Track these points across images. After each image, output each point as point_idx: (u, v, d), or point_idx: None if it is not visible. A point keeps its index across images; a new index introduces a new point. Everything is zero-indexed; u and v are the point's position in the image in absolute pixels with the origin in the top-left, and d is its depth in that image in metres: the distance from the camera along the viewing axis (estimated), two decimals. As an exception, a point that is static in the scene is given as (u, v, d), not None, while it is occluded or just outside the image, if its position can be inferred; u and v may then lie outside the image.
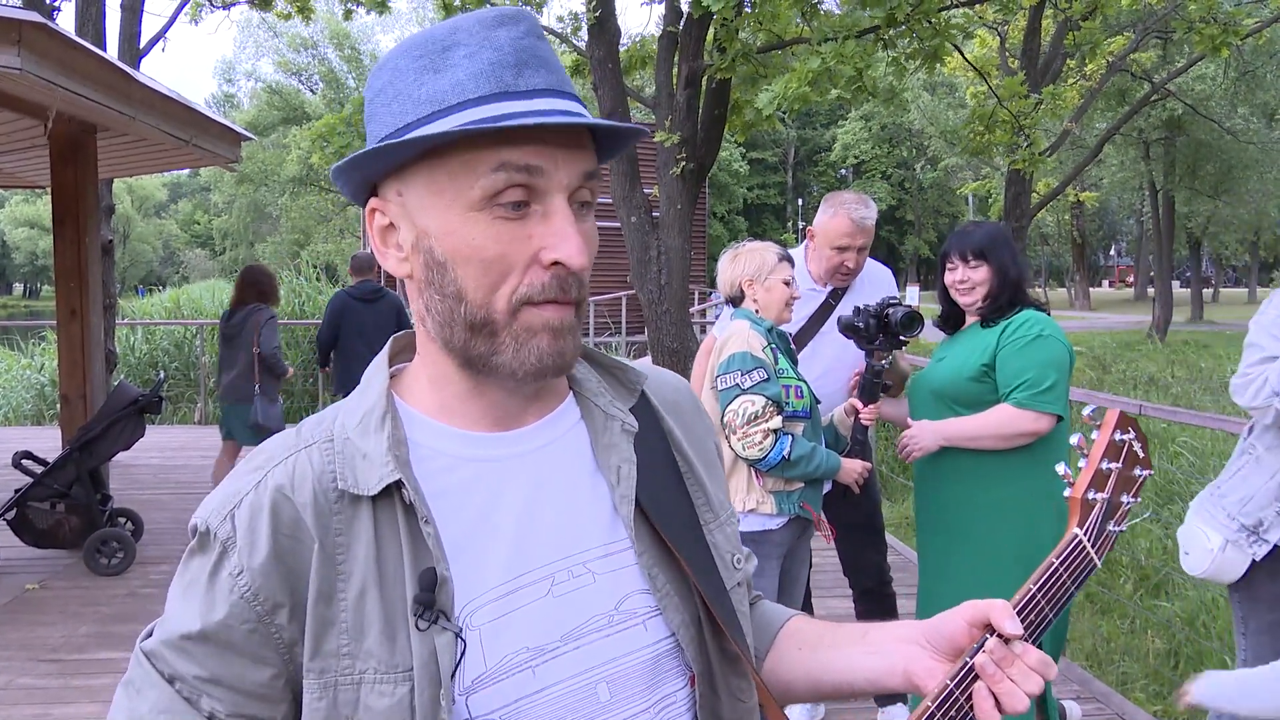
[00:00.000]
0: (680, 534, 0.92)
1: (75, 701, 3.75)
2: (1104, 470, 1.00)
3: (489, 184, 0.79)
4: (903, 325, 3.01)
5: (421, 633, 0.79)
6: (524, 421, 0.90)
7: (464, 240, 0.81)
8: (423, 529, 0.81)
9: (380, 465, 0.82)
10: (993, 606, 0.88)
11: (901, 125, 42.39)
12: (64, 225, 6.04)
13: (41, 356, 12.26)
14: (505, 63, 0.80)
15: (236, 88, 52.43)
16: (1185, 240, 33.49)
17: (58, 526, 5.33)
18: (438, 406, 0.89)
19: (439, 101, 0.80)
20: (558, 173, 0.81)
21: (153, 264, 63.53)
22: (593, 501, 0.90)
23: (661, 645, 0.89)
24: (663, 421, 0.98)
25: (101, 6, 8.37)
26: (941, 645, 0.91)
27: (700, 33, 6.94)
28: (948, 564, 2.87)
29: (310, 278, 14.24)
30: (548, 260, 0.81)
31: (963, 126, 10.15)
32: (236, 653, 0.81)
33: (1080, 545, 0.96)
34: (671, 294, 6.94)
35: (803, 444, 2.81)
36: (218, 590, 0.81)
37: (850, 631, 1.00)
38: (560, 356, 0.84)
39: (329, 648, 0.80)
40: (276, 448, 0.87)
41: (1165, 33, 16.48)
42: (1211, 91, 22.31)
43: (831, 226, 3.36)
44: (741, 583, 0.97)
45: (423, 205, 0.83)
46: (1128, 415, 1.03)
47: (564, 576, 0.86)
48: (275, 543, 0.81)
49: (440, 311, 0.84)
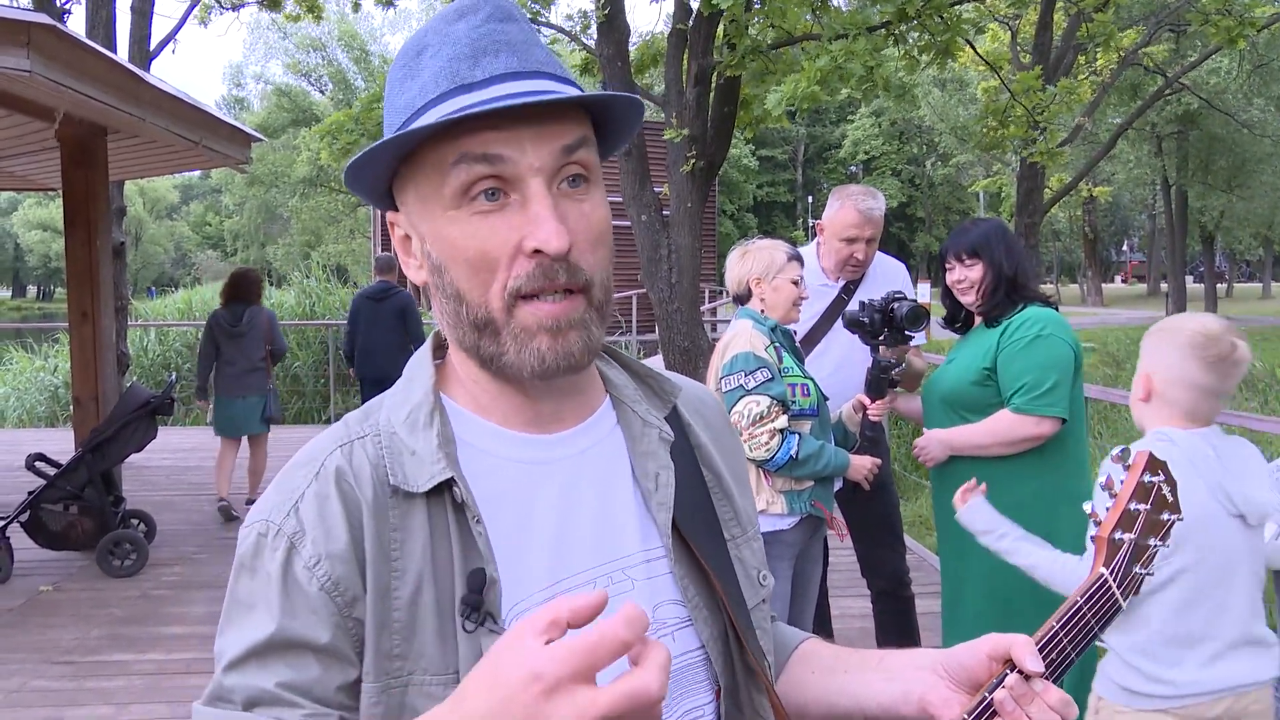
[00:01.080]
0: (709, 547, 0.91)
1: (88, 704, 3.75)
2: (1132, 511, 0.98)
3: (455, 180, 0.79)
4: (908, 320, 2.99)
5: (469, 634, 0.77)
6: (562, 423, 0.89)
7: (448, 241, 0.81)
8: (473, 528, 0.80)
9: (431, 463, 0.81)
10: (1015, 641, 0.85)
11: (912, 121, 42.26)
12: (75, 227, 6.06)
13: (54, 358, 12.31)
14: (461, 55, 0.80)
15: (246, 90, 52.63)
16: (1198, 235, 33.27)
17: (70, 528, 5.34)
18: (478, 406, 0.88)
19: (410, 107, 0.81)
20: (525, 156, 0.78)
21: (164, 266, 63.82)
22: (630, 508, 0.89)
23: (689, 657, 0.88)
24: (692, 434, 0.97)
25: (112, 9, 8.39)
26: (960, 676, 0.88)
27: (710, 30, 6.90)
28: (968, 567, 2.84)
29: (320, 279, 14.27)
30: (528, 248, 0.78)
31: (975, 121, 10.09)
32: (319, 655, 0.76)
33: (1105, 585, 0.94)
34: (682, 292, 6.91)
35: (810, 442, 2.79)
36: (294, 587, 0.77)
37: (865, 656, 0.99)
38: (568, 356, 0.81)
39: (382, 648, 0.77)
40: (326, 441, 0.85)
41: (1178, 26, 16.37)
42: (1226, 85, 22.17)
43: (839, 219, 3.38)
44: (765, 599, 0.96)
45: (418, 212, 0.84)
46: (1157, 458, 1.01)
47: (605, 582, 0.85)
48: (350, 528, 0.79)
49: (449, 314, 0.84)
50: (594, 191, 0.83)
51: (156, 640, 4.39)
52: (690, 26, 7.02)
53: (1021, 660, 0.83)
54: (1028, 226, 12.51)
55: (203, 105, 5.96)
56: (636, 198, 6.96)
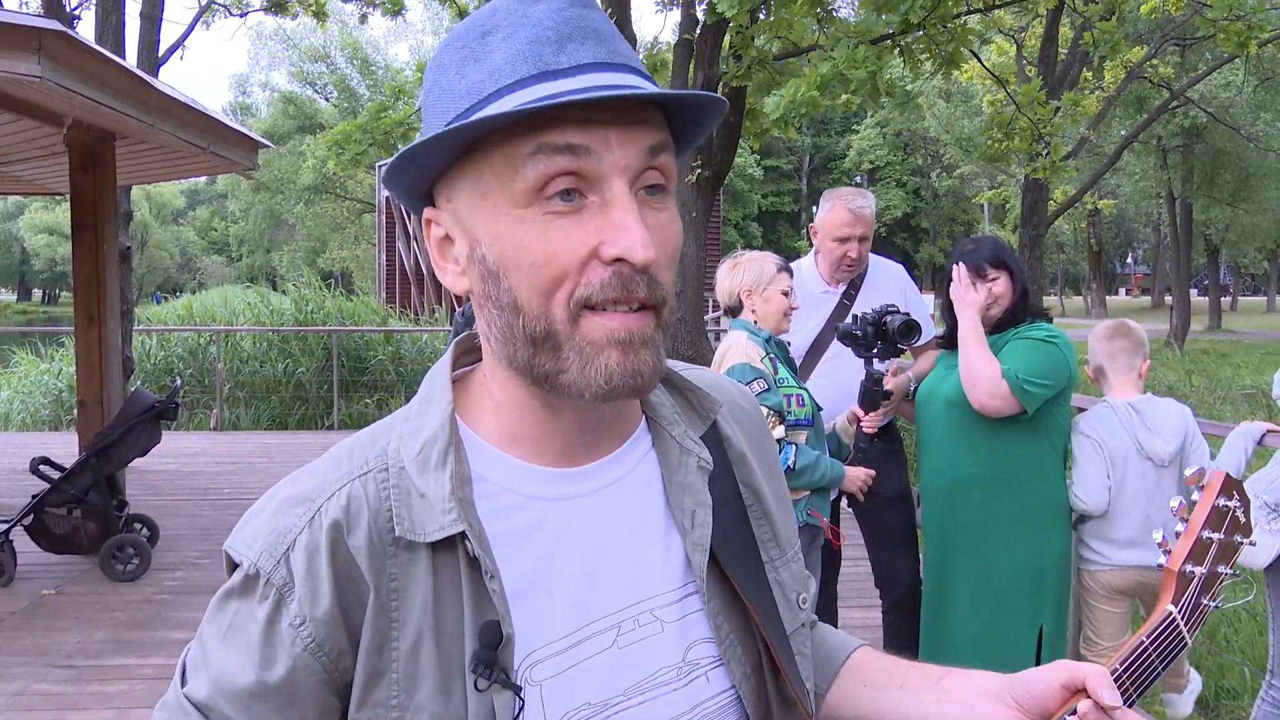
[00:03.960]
0: (747, 577, 0.85)
1: (90, 708, 3.75)
2: (1204, 539, 0.92)
3: (531, 174, 0.70)
4: (900, 333, 3.01)
5: (480, 692, 0.73)
6: (595, 453, 0.82)
7: (513, 243, 0.72)
8: (488, 584, 0.74)
9: (441, 512, 0.75)
10: (1090, 672, 0.82)
11: (916, 132, 42.29)
12: (82, 232, 6.08)
13: (60, 362, 12.33)
14: (544, 39, 0.71)
15: (252, 98, 52.82)
16: (1203, 248, 33.24)
17: (74, 532, 5.34)
18: (506, 436, 0.80)
19: (477, 92, 0.72)
20: (611, 153, 0.71)
21: (170, 270, 64.00)
22: (663, 544, 0.83)
23: (723, 698, 0.83)
24: (731, 449, 0.90)
25: (121, 15, 8.44)
26: (1030, 705, 0.84)
27: (716, 40, 6.93)
28: (956, 571, 2.87)
29: (316, 286, 14.32)
30: (608, 256, 0.71)
31: (980, 133, 10.09)
32: (301, 705, 0.75)
33: (1173, 623, 0.90)
34: (687, 301, 6.92)
35: (807, 453, 2.80)
36: (279, 642, 0.74)
37: (924, 674, 0.94)
38: (636, 376, 0.73)
39: (377, 697, 0.74)
40: (328, 474, 0.79)
41: (1184, 40, 16.39)
42: (1234, 99, 22.17)
43: (830, 219, 3.42)
44: (805, 623, 0.90)
45: (472, 210, 0.75)
46: (1233, 479, 0.95)
47: (630, 625, 0.80)
48: (337, 588, 0.74)
49: (500, 327, 0.75)
50: (671, 203, 0.77)
51: (159, 644, 4.39)
52: (696, 37, 7.05)
53: (1098, 694, 0.81)
54: (1032, 238, 12.51)
55: (210, 111, 5.98)
56: (642, 206, 6.97)
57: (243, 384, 11.64)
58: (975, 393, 2.72)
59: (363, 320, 13.72)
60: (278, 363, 11.74)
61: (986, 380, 2.69)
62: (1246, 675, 4.12)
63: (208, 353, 11.74)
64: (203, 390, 11.63)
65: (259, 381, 11.71)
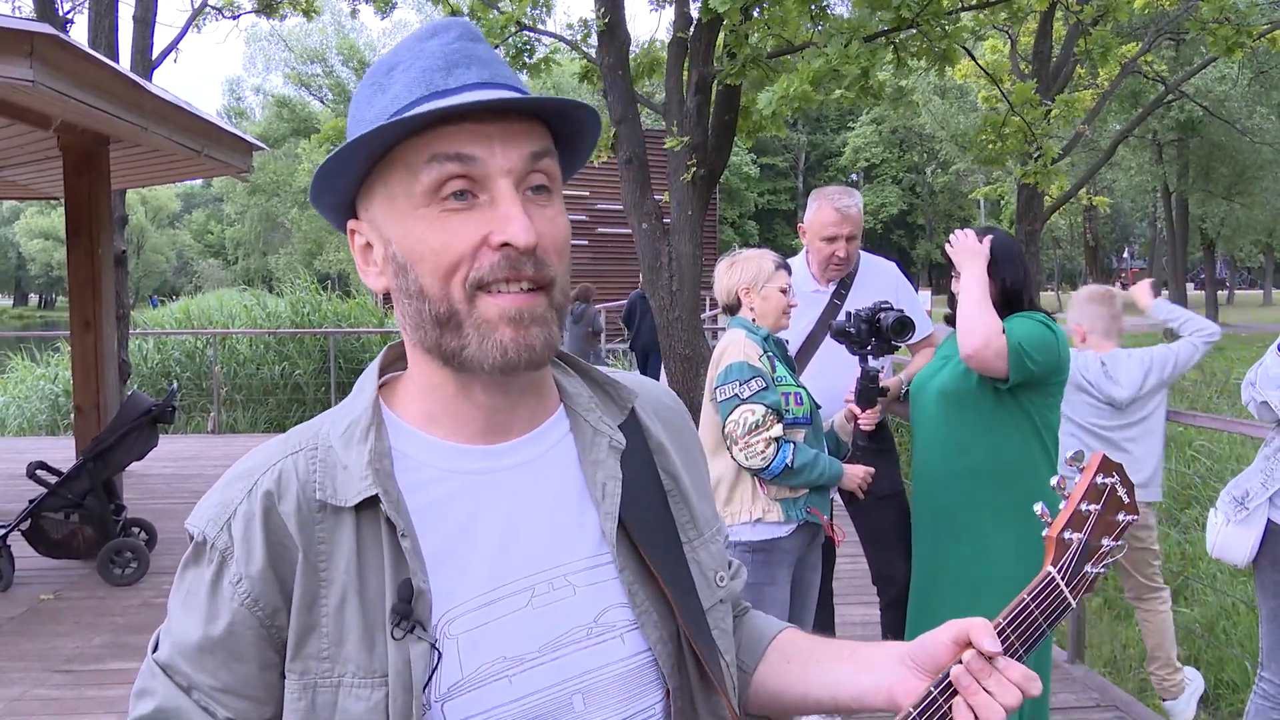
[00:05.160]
0: (661, 553, 0.93)
1: (90, 712, 3.75)
2: (1083, 511, 1.00)
3: (427, 178, 0.82)
4: (894, 330, 3.01)
5: (397, 642, 0.82)
6: (512, 433, 0.91)
7: (416, 237, 0.83)
8: (400, 542, 0.83)
9: (359, 479, 0.85)
10: (973, 624, 0.89)
11: (912, 129, 42.32)
12: (77, 236, 6.07)
13: (56, 367, 12.32)
14: (435, 67, 0.84)
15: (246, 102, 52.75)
16: (1199, 242, 33.27)
17: (72, 537, 5.34)
18: (426, 417, 0.91)
19: (382, 115, 0.84)
20: (495, 159, 0.82)
21: (167, 274, 63.93)
22: (578, 516, 0.91)
23: (639, 659, 0.90)
24: (651, 438, 1.00)
25: (115, 19, 8.42)
26: (926, 664, 0.91)
27: (710, 38, 6.92)
28: (946, 564, 2.87)
29: (312, 289, 14.33)
30: (495, 242, 0.82)
31: (974, 134, 10.10)
32: (243, 659, 0.84)
33: (1053, 584, 0.96)
34: (683, 300, 6.91)
35: (805, 451, 2.80)
36: (220, 599, 0.85)
37: (840, 647, 1.01)
38: (529, 350, 0.84)
39: (309, 650, 0.83)
40: (266, 454, 0.90)
41: (1178, 35, 16.40)
42: (1229, 93, 22.19)
43: (818, 219, 3.44)
44: (724, 599, 0.99)
45: (384, 215, 0.86)
46: (1111, 460, 1.04)
47: (544, 588, 0.88)
48: (269, 550, 0.84)
49: (412, 314, 0.86)
50: (556, 201, 0.87)
51: (157, 648, 4.39)
52: (690, 35, 7.04)
53: (979, 641, 0.87)
54: (1028, 234, 12.52)
55: (204, 114, 5.98)
56: (637, 206, 6.97)
57: (240, 387, 11.64)
58: (971, 339, 2.61)
59: (359, 322, 13.72)
60: (275, 365, 11.74)
61: (985, 330, 2.59)
62: (1247, 668, 4.13)
63: (205, 356, 11.74)
64: (200, 393, 11.62)
65: (256, 384, 11.71)
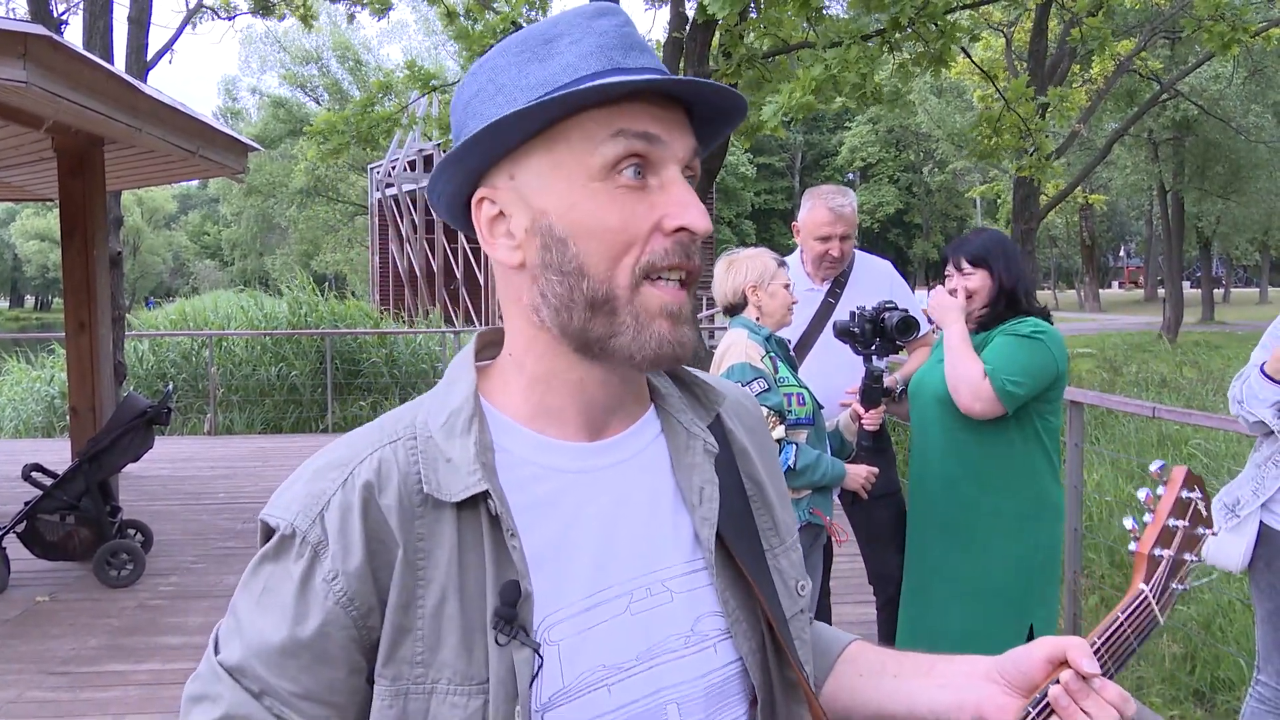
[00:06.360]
0: (750, 558, 0.91)
1: (85, 715, 3.74)
2: (1170, 527, 1.00)
3: (609, 151, 0.80)
4: (898, 330, 3.00)
5: (500, 647, 0.78)
6: (609, 431, 0.89)
7: (587, 212, 0.80)
8: (508, 542, 0.79)
9: (466, 473, 0.80)
10: (1070, 644, 0.87)
11: (909, 128, 42.33)
12: (72, 238, 6.05)
13: (51, 369, 12.29)
14: (612, 45, 0.82)
15: (241, 103, 52.64)
16: (1195, 240, 33.31)
17: (67, 539, 5.32)
18: (529, 411, 0.87)
19: (550, 83, 0.80)
20: (673, 144, 0.82)
21: (163, 275, 63.83)
22: (673, 519, 0.89)
23: (730, 669, 0.88)
24: (735, 442, 0.97)
25: (109, 20, 8.40)
26: (1017, 681, 0.89)
27: (705, 38, 6.93)
28: (942, 568, 2.86)
29: (309, 290, 14.32)
30: (671, 227, 0.81)
31: (970, 130, 10.10)
32: (331, 662, 0.79)
33: (1145, 601, 0.96)
34: (679, 300, 6.92)
35: (807, 452, 2.79)
36: (311, 597, 0.79)
37: (916, 662, 0.98)
38: (680, 345, 0.82)
39: (403, 654, 0.78)
40: (360, 442, 0.85)
41: (1173, 33, 16.43)
42: (1224, 91, 22.20)
43: (811, 219, 3.45)
44: (804, 609, 0.96)
45: (542, 183, 0.82)
46: (1194, 474, 1.03)
47: (642, 594, 0.85)
48: (368, 545, 0.79)
49: (559, 293, 0.82)
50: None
51: (154, 650, 4.38)
52: (686, 35, 7.04)
53: (1078, 662, 0.86)
54: (1024, 232, 12.52)
55: (199, 115, 5.97)
56: (633, 206, 6.96)
57: (236, 388, 11.62)
58: (960, 398, 2.72)
59: (356, 323, 13.70)
60: (271, 366, 11.72)
61: (969, 385, 2.69)
62: (1242, 666, 4.13)
63: (201, 357, 11.72)
64: (196, 395, 11.60)
65: (252, 385, 11.68)
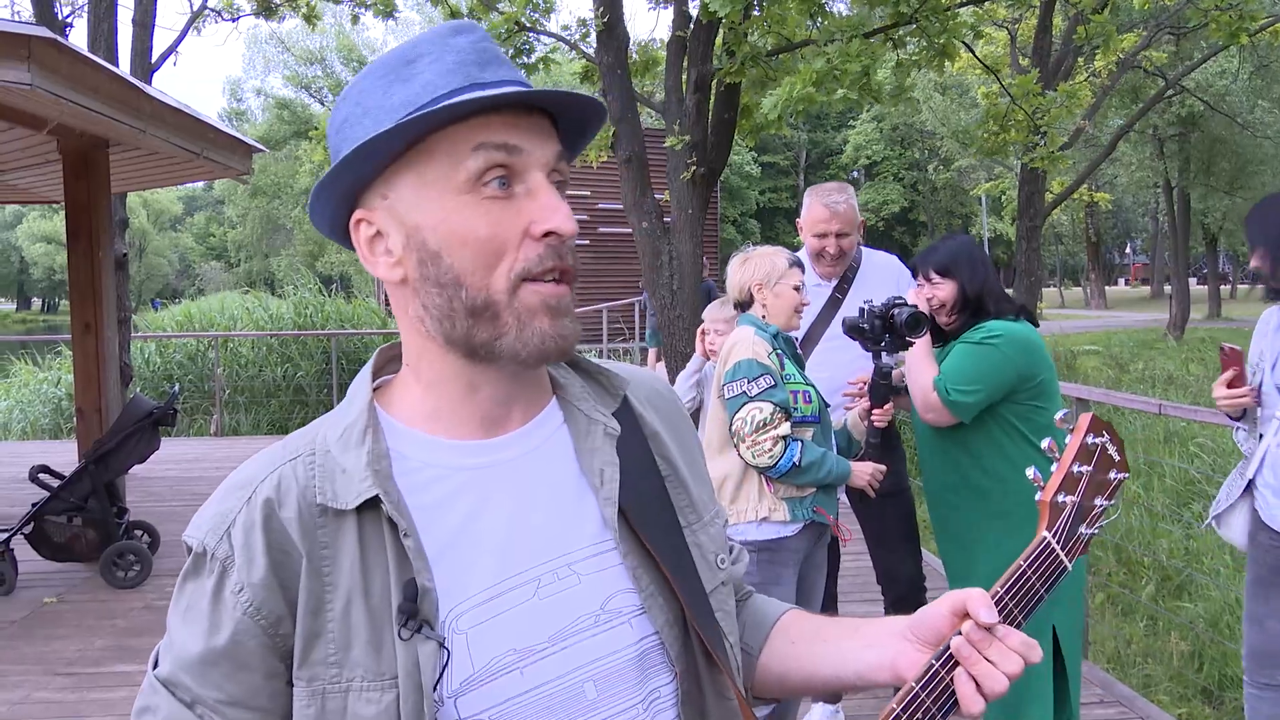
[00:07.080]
0: (660, 536, 0.94)
1: (92, 716, 3.75)
2: (1075, 473, 1.00)
3: (472, 165, 0.83)
4: (908, 326, 2.99)
5: (405, 642, 0.81)
6: (509, 426, 0.92)
7: (457, 225, 0.84)
8: (403, 541, 0.83)
9: (359, 480, 0.84)
10: (970, 595, 0.89)
11: (914, 126, 42.25)
12: (78, 240, 6.07)
13: (58, 370, 12.33)
14: (469, 61, 0.85)
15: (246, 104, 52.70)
16: (1201, 237, 33.20)
17: (74, 540, 5.34)
18: (426, 416, 0.91)
19: (413, 103, 0.84)
20: (535, 151, 0.85)
21: (169, 277, 63.95)
22: (578, 504, 0.92)
23: (646, 643, 0.91)
24: (644, 425, 1.00)
25: (114, 22, 8.41)
26: (927, 636, 0.92)
27: (709, 37, 6.92)
28: (974, 563, 2.85)
29: (314, 290, 14.35)
30: (539, 232, 0.84)
31: (976, 126, 10.07)
32: (249, 669, 0.83)
33: (1049, 548, 0.96)
34: (684, 299, 6.90)
35: (813, 450, 2.78)
36: (223, 609, 0.84)
37: (843, 626, 1.01)
38: (562, 339, 0.86)
39: (317, 656, 0.82)
40: (263, 461, 0.89)
41: (1178, 29, 16.37)
42: (1229, 88, 22.13)
43: (809, 216, 3.48)
44: (726, 581, 0.99)
45: (414, 200, 0.85)
46: (1100, 419, 1.03)
47: (550, 579, 0.88)
48: (270, 557, 0.83)
49: (439, 304, 0.86)
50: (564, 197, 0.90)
51: (160, 651, 4.39)
52: (689, 34, 7.03)
53: (976, 612, 0.88)
54: (1030, 230, 12.47)
55: (204, 117, 5.97)
56: (637, 205, 6.96)
57: (242, 389, 11.64)
58: (917, 407, 2.83)
59: (362, 323, 13.72)
60: (277, 367, 11.74)
61: (921, 395, 2.78)
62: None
63: (207, 358, 11.75)
64: (202, 396, 11.63)
65: (259, 386, 11.71)
